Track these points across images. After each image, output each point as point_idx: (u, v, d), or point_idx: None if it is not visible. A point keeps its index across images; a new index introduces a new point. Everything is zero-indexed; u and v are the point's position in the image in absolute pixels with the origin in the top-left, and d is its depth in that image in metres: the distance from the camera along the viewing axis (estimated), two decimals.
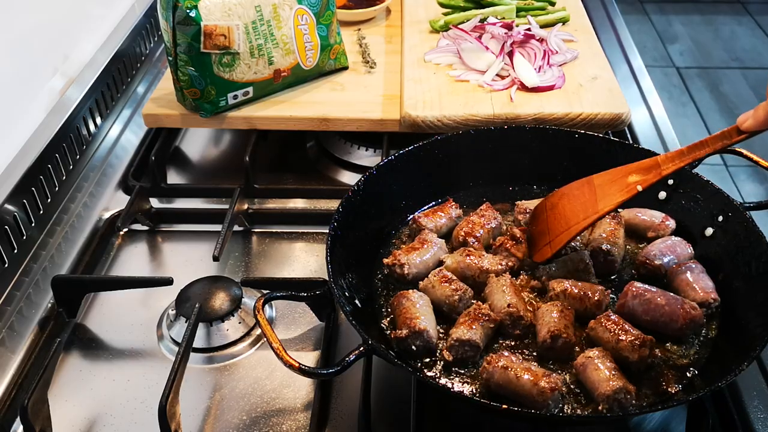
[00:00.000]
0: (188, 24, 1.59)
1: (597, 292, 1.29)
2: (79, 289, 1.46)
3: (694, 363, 1.23)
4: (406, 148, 1.52)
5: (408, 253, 1.37)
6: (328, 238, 1.30)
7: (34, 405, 1.16)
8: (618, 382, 1.13)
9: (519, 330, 1.27)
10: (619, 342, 1.19)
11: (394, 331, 1.24)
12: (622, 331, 1.20)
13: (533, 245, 1.38)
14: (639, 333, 1.20)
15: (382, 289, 1.38)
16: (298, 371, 1.10)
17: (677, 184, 1.48)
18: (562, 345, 1.22)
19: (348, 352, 1.13)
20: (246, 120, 1.76)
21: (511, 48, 1.87)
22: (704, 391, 1.10)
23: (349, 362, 1.12)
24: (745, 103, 5.13)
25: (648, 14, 6.30)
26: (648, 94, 2.05)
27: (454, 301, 1.29)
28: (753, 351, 1.12)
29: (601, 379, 1.14)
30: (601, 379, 1.14)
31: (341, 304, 1.20)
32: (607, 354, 1.19)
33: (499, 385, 1.16)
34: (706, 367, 1.22)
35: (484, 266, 1.35)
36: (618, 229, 1.42)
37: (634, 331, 1.20)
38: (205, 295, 1.40)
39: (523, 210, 1.49)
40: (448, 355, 1.22)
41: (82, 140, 1.78)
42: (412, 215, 1.50)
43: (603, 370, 1.15)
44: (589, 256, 1.36)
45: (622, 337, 1.19)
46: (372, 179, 1.46)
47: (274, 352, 1.11)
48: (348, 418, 1.26)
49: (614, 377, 1.14)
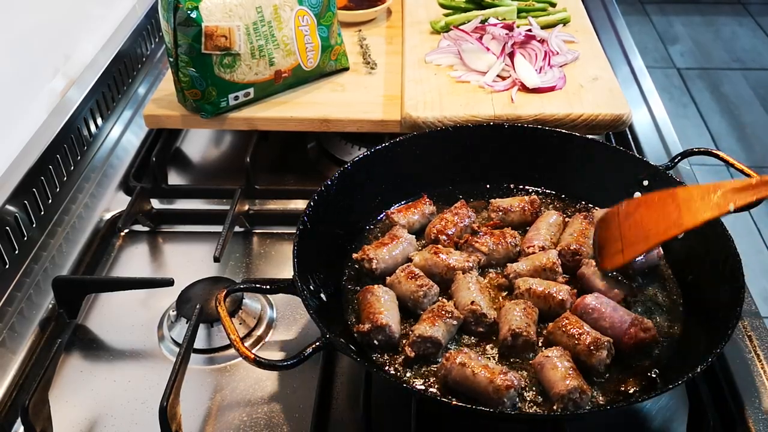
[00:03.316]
0: (189, 25, 1.60)
1: (562, 291, 1.30)
2: (79, 290, 1.46)
3: (656, 363, 1.24)
4: (382, 144, 1.53)
5: (377, 249, 1.38)
6: (297, 232, 1.31)
7: (35, 406, 1.16)
8: (573, 381, 1.13)
9: (482, 328, 1.28)
10: (576, 346, 1.20)
11: (358, 325, 1.25)
12: (578, 335, 1.21)
13: (601, 251, 1.34)
14: (596, 336, 1.20)
15: (351, 284, 1.39)
16: (254, 363, 1.11)
17: (651, 185, 1.49)
18: (522, 343, 1.23)
19: (305, 346, 1.14)
20: (247, 121, 1.76)
21: (512, 49, 1.87)
22: (663, 390, 1.11)
23: (305, 355, 1.13)
24: (746, 104, 5.13)
25: (649, 15, 6.30)
26: (649, 94, 2.05)
27: (418, 297, 1.30)
28: (716, 348, 1.13)
29: (557, 379, 1.15)
30: (557, 378, 1.15)
31: (303, 298, 1.21)
32: (565, 354, 1.19)
33: (456, 381, 1.17)
34: (669, 367, 1.23)
35: (450, 263, 1.36)
36: (588, 229, 1.43)
37: (593, 334, 1.21)
38: (206, 296, 1.40)
39: (496, 208, 1.50)
40: (410, 351, 1.23)
41: (83, 141, 1.78)
42: (386, 211, 1.51)
43: (560, 369, 1.16)
44: (557, 255, 1.37)
45: (579, 341, 1.20)
46: (347, 174, 1.47)
47: (231, 343, 1.12)
48: (348, 419, 1.26)
49: (570, 377, 1.14)
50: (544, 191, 1.60)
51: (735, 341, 1.35)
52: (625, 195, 1.51)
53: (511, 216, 1.50)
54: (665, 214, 1.27)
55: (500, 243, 1.42)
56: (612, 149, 1.57)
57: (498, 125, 1.61)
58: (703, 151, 1.55)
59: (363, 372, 1.26)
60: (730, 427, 1.23)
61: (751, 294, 1.42)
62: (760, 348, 1.34)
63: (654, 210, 1.28)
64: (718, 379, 1.30)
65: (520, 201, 1.51)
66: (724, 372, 1.30)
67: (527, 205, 1.50)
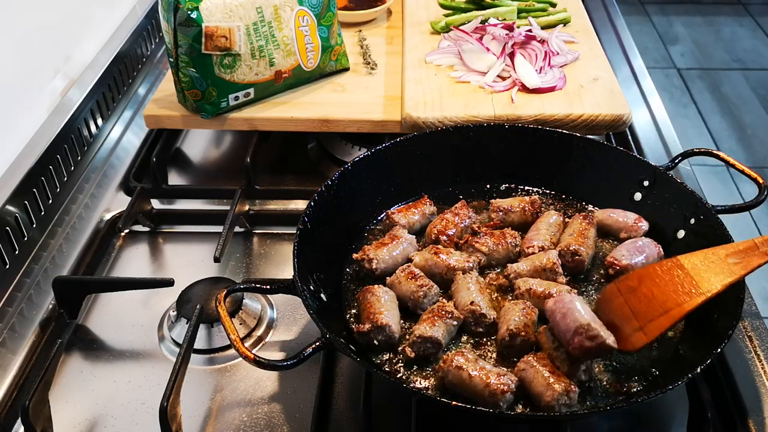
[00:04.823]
0: (189, 25, 1.60)
1: (562, 292, 1.29)
2: (80, 290, 1.46)
3: (656, 363, 1.23)
4: (382, 144, 1.53)
5: (377, 249, 1.38)
6: (297, 232, 1.31)
7: (35, 406, 1.16)
8: (557, 386, 1.13)
9: (482, 328, 1.28)
10: (555, 351, 1.20)
11: (358, 325, 1.25)
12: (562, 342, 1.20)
13: (616, 333, 1.19)
14: None
15: (351, 284, 1.39)
16: (254, 363, 1.11)
17: (653, 185, 1.49)
18: (521, 344, 1.23)
19: (305, 346, 1.14)
20: (247, 121, 1.76)
21: (512, 49, 1.87)
22: (663, 390, 1.10)
23: (305, 355, 1.13)
24: (746, 104, 5.13)
25: (649, 15, 6.30)
26: (649, 95, 2.05)
27: (418, 297, 1.30)
28: (716, 348, 1.13)
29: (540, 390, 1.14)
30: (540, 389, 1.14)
31: (303, 298, 1.21)
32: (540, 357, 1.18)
33: (453, 383, 1.17)
34: (669, 367, 1.23)
35: (451, 264, 1.36)
36: (588, 229, 1.42)
37: None
38: (206, 296, 1.40)
39: (497, 208, 1.50)
40: (410, 351, 1.23)
41: (83, 141, 1.78)
42: (386, 211, 1.51)
43: (540, 378, 1.15)
44: (557, 256, 1.37)
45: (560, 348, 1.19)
46: (347, 174, 1.47)
47: (231, 343, 1.12)
48: (348, 419, 1.26)
49: (551, 384, 1.13)
50: (544, 192, 1.60)
51: (735, 341, 1.35)
52: (625, 195, 1.52)
53: (511, 216, 1.50)
54: (678, 284, 1.22)
55: (500, 243, 1.42)
56: (612, 150, 1.57)
57: (498, 125, 1.61)
58: (704, 151, 1.56)
59: (363, 372, 1.26)
60: (730, 427, 1.23)
61: (751, 294, 1.42)
62: (760, 348, 1.34)
63: (663, 282, 1.23)
64: (718, 379, 1.30)
65: (521, 201, 1.51)
66: (724, 372, 1.30)
67: (527, 206, 1.50)
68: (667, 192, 1.46)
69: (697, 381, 1.25)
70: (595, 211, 1.51)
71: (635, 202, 1.51)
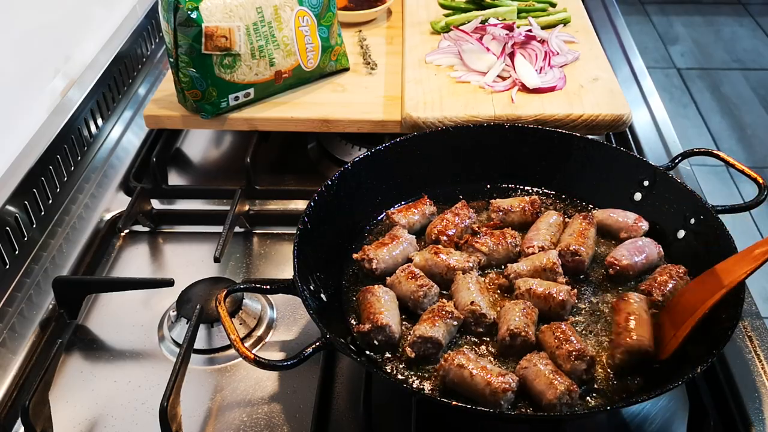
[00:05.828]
0: (189, 25, 1.60)
1: (562, 292, 1.29)
2: (80, 291, 1.46)
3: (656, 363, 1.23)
4: (382, 144, 1.53)
5: (377, 249, 1.38)
6: (297, 232, 1.31)
7: (35, 406, 1.16)
8: (560, 386, 1.13)
9: (482, 328, 1.28)
10: (558, 349, 1.20)
11: (358, 325, 1.25)
12: (565, 341, 1.20)
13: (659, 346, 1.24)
14: (582, 347, 1.19)
15: (351, 284, 1.39)
16: (254, 363, 1.11)
17: (653, 185, 1.49)
18: (521, 344, 1.23)
19: (305, 346, 1.14)
20: (247, 121, 1.76)
21: (512, 49, 1.87)
22: (663, 390, 1.10)
23: (306, 355, 1.13)
24: (746, 104, 5.13)
25: (649, 15, 6.30)
26: (649, 95, 2.06)
27: (419, 297, 1.30)
28: (716, 348, 1.13)
29: (543, 388, 1.14)
30: (542, 387, 1.14)
31: (303, 298, 1.21)
32: (542, 356, 1.19)
33: (454, 383, 1.17)
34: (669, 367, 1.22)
35: (451, 264, 1.36)
36: (588, 229, 1.42)
37: (578, 345, 1.20)
38: (206, 296, 1.40)
39: (497, 208, 1.50)
40: (410, 351, 1.22)
41: (83, 141, 1.78)
42: (386, 211, 1.51)
43: (543, 377, 1.15)
44: (557, 256, 1.37)
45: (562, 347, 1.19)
46: (347, 174, 1.47)
47: (231, 343, 1.12)
48: (348, 419, 1.26)
49: (554, 383, 1.13)
50: (544, 191, 1.60)
51: (735, 341, 1.35)
52: (625, 195, 1.52)
53: (511, 216, 1.50)
54: (705, 287, 1.23)
55: (500, 243, 1.42)
56: (612, 150, 1.57)
57: (498, 125, 1.61)
58: (704, 151, 1.56)
59: (363, 372, 1.26)
60: (731, 427, 1.24)
61: (751, 294, 1.42)
62: (760, 348, 1.34)
63: (695, 291, 1.25)
64: (718, 379, 1.30)
65: (521, 201, 1.51)
66: (724, 372, 1.30)
67: (528, 206, 1.50)
68: (667, 192, 1.46)
69: (697, 381, 1.24)
70: (595, 211, 1.51)
71: (635, 202, 1.51)
